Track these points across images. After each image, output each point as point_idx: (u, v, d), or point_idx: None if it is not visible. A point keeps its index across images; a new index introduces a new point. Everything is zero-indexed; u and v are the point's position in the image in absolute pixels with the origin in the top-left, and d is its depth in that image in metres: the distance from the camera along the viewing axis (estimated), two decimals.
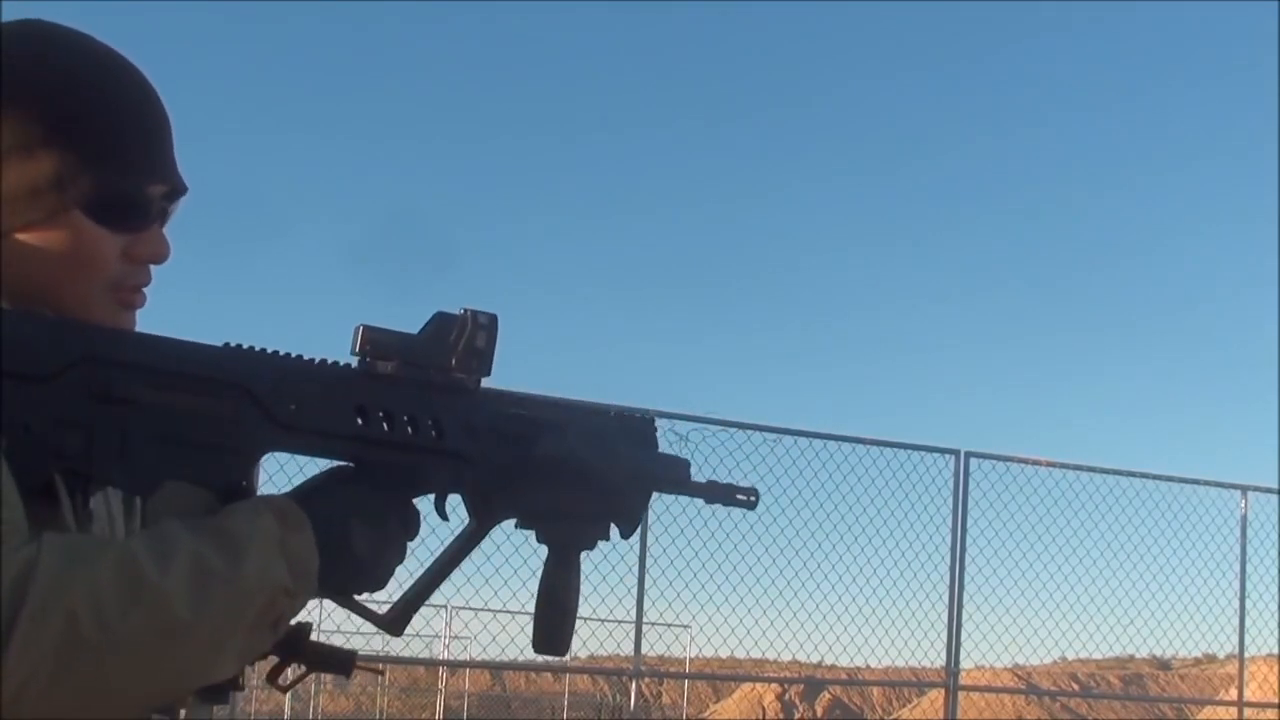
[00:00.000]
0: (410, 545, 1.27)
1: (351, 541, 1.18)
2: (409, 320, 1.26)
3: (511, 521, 1.35)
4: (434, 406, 1.26)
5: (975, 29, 48.42)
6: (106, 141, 1.19)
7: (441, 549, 1.34)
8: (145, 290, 1.26)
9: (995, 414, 38.78)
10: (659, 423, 1.39)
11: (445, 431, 1.26)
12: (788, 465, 9.21)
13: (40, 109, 1.17)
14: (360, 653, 1.32)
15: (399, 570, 1.26)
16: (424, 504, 1.28)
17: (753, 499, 1.47)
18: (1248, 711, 10.87)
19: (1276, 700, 11.27)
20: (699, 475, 1.46)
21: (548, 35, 48.99)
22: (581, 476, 1.33)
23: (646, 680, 17.59)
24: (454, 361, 1.26)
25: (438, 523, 1.33)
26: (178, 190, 1.26)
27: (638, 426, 1.40)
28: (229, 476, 1.16)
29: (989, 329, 45.44)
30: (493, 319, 1.27)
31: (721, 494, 1.46)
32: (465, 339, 1.26)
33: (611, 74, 49.76)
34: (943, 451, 9.59)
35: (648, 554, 8.74)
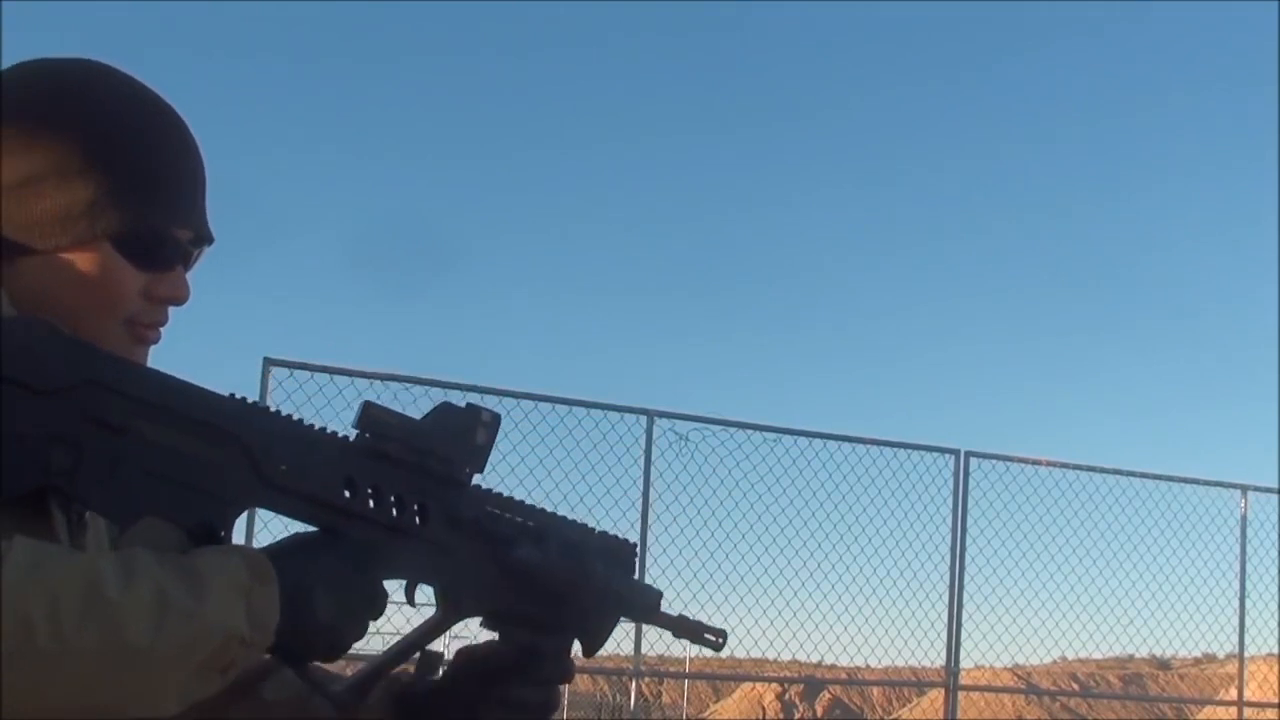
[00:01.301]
0: (373, 625, 1.26)
1: (315, 606, 1.17)
2: (408, 322, 1.26)
3: (476, 620, 1.35)
4: (423, 492, 1.26)
5: (976, 36, 48.43)
6: (141, 179, 1.23)
7: (406, 633, 1.34)
8: (161, 329, 1.29)
9: (995, 414, 38.81)
10: (659, 423, 1.41)
11: (430, 519, 1.27)
12: (788, 465, 9.23)
13: (81, 138, 1.21)
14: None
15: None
16: (393, 585, 1.27)
17: (720, 640, 1.49)
18: (1248, 711, 10.87)
19: (1276, 700, 11.27)
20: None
21: (552, 38, 48.99)
22: (553, 589, 1.34)
23: (646, 680, 17.60)
24: (451, 453, 1.27)
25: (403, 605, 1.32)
26: (204, 238, 1.30)
27: (618, 548, 1.42)
28: (208, 521, 1.16)
29: (989, 329, 45.48)
30: (495, 417, 1.29)
31: (690, 630, 1.49)
32: (466, 433, 1.27)
33: (612, 76, 49.75)
34: (943, 451, 9.60)
35: (648, 554, 8.74)
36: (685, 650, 19.64)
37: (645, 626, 9.14)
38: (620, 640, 9.73)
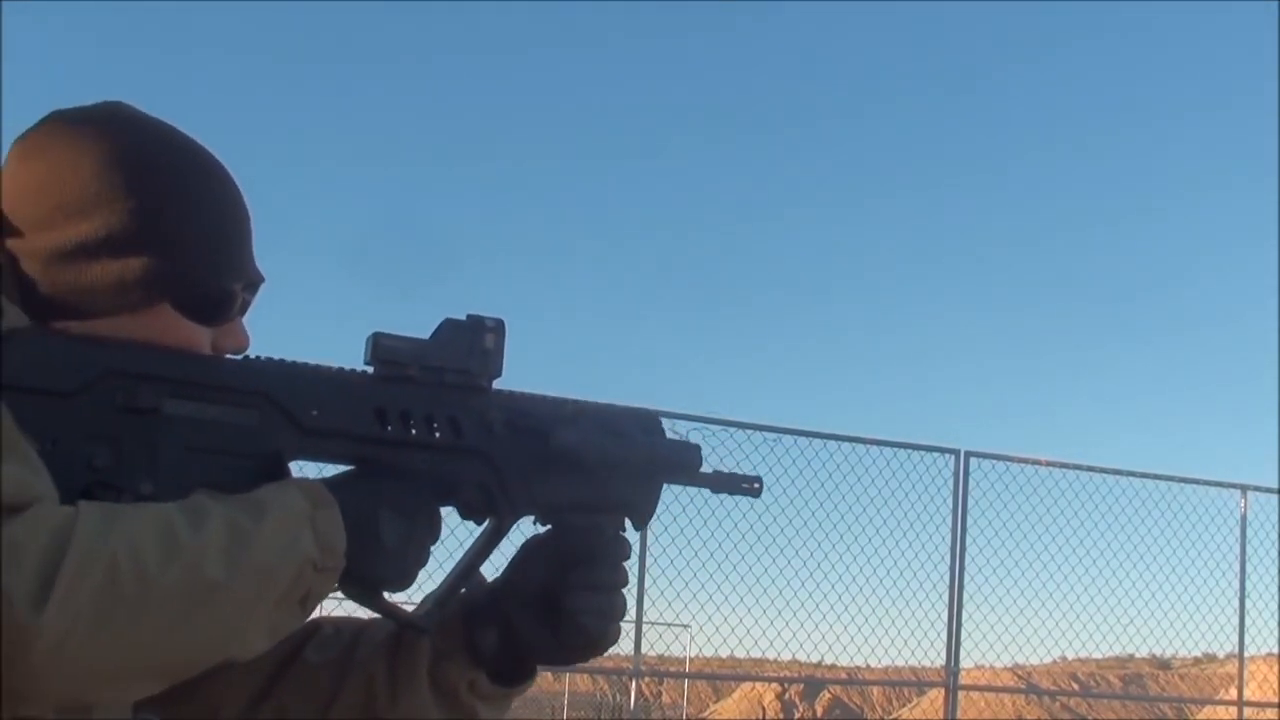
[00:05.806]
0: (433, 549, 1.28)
1: (380, 529, 1.20)
2: (413, 323, 1.28)
3: (530, 520, 1.36)
4: (450, 407, 1.28)
5: (969, 33, 48.41)
6: (196, 244, 1.24)
7: (465, 549, 1.35)
8: None
9: (995, 414, 38.80)
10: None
11: (463, 430, 1.29)
12: (788, 465, 9.22)
13: (134, 210, 1.21)
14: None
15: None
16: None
17: (757, 486, 1.49)
18: (1248, 711, 10.87)
19: (1276, 700, 11.27)
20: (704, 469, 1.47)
21: (565, 37, 48.97)
22: (597, 465, 1.34)
23: (646, 680, 17.60)
24: (465, 364, 1.29)
25: (456, 527, 1.35)
26: (256, 284, 1.32)
27: (645, 416, 1.42)
28: (257, 482, 1.18)
29: (990, 329, 45.46)
30: (499, 323, 1.30)
31: (728, 484, 1.48)
32: (474, 342, 1.29)
33: (618, 75, 49.73)
34: (943, 451, 9.60)
35: (648, 554, 8.74)
36: (685, 650, 19.65)
37: (645, 628, 9.11)
38: (620, 640, 9.73)
